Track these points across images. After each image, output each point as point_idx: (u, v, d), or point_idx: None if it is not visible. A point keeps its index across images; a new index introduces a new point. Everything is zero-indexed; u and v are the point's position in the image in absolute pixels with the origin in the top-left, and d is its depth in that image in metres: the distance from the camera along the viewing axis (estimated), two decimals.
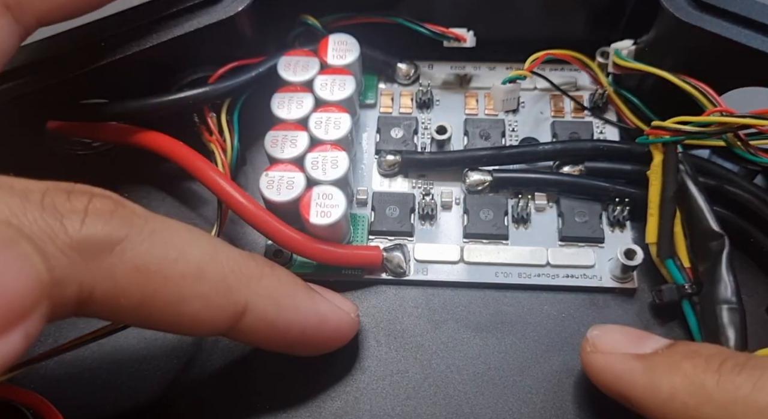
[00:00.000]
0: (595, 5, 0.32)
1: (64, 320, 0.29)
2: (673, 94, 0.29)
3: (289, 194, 0.28)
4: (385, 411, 0.27)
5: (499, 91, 0.32)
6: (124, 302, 0.19)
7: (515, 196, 0.31)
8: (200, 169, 0.29)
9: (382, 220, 0.31)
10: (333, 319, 0.26)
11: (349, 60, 0.31)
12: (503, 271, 0.30)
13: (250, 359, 0.29)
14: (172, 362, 0.29)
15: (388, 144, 0.33)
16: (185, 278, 0.21)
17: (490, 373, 0.28)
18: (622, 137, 0.33)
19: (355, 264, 0.30)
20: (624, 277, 0.29)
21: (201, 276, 0.21)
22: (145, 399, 0.28)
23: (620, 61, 0.31)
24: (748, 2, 0.28)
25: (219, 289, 0.22)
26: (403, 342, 0.29)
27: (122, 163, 0.33)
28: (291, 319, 0.24)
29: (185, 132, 0.30)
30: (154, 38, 0.29)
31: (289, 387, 0.28)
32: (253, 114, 0.32)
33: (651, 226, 0.29)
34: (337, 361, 0.28)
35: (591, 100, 0.34)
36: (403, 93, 0.35)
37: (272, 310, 0.23)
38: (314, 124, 0.29)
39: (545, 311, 0.29)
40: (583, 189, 0.31)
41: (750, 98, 0.30)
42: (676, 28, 0.29)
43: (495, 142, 0.33)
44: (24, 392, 0.26)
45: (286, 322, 0.24)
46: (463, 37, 0.32)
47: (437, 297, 0.30)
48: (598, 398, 0.27)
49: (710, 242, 0.27)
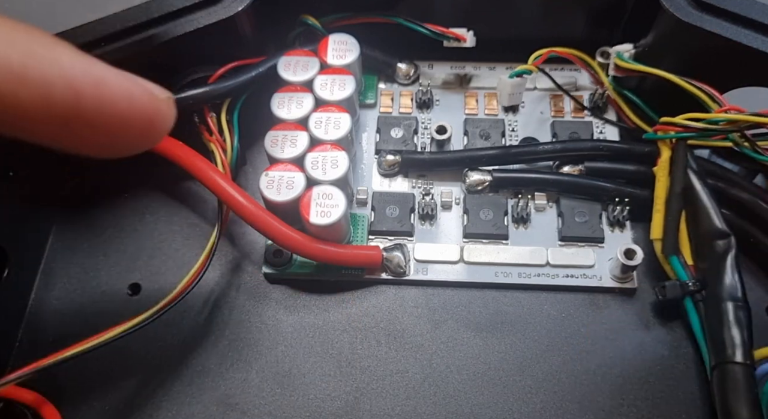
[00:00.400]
0: (595, 5, 0.33)
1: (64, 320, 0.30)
2: (674, 93, 0.29)
3: (289, 194, 0.28)
4: (385, 411, 0.27)
5: (505, 85, 0.32)
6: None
7: (515, 196, 0.31)
8: (200, 169, 0.29)
9: (382, 220, 0.31)
10: (115, 85, 0.20)
11: (349, 60, 0.31)
12: (503, 271, 0.30)
13: (250, 359, 0.29)
14: (171, 362, 0.29)
15: (388, 144, 0.33)
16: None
17: (490, 373, 0.28)
18: (622, 137, 0.33)
19: (355, 264, 0.30)
20: (624, 277, 0.29)
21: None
22: (145, 399, 0.28)
23: (622, 63, 0.31)
24: (748, 2, 0.28)
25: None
26: (403, 342, 0.29)
27: (122, 163, 0.33)
28: (48, 71, 0.19)
29: (185, 132, 0.30)
30: (154, 38, 0.29)
31: (289, 387, 0.28)
32: (253, 114, 0.32)
33: (656, 222, 0.29)
34: (338, 361, 0.28)
35: (591, 100, 0.34)
36: (403, 93, 0.35)
37: (16, 56, 0.18)
38: (314, 124, 0.29)
39: (545, 311, 0.29)
40: (583, 189, 0.31)
41: (750, 98, 0.30)
42: (676, 28, 0.29)
43: (495, 142, 0.33)
44: (24, 391, 0.26)
45: (42, 75, 0.18)
46: (463, 37, 0.32)
47: (437, 297, 0.30)
48: (598, 398, 0.27)
49: (716, 241, 0.27)
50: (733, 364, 0.25)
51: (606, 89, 0.33)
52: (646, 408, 0.27)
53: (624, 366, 0.28)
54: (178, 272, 0.30)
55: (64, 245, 0.32)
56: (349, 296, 0.30)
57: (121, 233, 0.32)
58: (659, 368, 0.28)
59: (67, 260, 0.31)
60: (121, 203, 0.33)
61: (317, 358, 0.29)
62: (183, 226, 0.32)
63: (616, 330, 0.29)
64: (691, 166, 0.29)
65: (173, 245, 0.31)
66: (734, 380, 0.25)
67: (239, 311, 0.30)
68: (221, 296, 0.30)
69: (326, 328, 0.29)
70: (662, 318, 0.29)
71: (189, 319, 0.30)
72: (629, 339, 0.29)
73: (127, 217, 0.32)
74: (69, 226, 0.32)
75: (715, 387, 0.25)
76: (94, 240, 0.32)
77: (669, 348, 0.28)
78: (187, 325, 0.29)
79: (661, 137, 0.29)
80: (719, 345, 0.25)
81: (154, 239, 0.32)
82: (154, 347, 0.29)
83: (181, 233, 0.32)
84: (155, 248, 0.31)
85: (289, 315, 0.30)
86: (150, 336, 0.29)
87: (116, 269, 0.31)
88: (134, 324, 0.26)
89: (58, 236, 0.32)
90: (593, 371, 0.28)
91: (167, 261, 0.31)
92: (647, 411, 0.27)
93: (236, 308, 0.30)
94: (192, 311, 0.30)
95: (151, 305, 0.26)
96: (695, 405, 0.27)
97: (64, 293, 0.30)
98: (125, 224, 0.32)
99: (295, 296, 0.30)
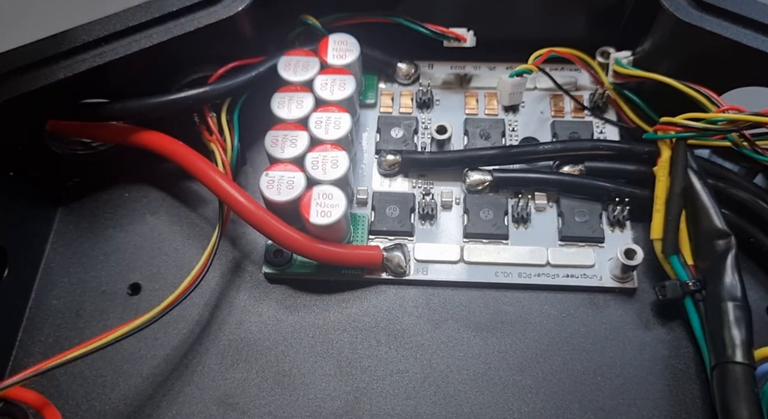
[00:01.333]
0: (595, 5, 0.32)
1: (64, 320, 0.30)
2: (674, 93, 0.29)
3: (289, 194, 0.28)
4: (385, 411, 0.27)
5: (506, 84, 0.32)
6: None
7: (515, 196, 0.31)
8: (200, 169, 0.29)
9: (382, 220, 0.31)
10: None
11: (349, 60, 0.31)
12: (503, 271, 0.30)
13: (250, 359, 0.29)
14: (171, 362, 0.29)
15: (388, 144, 0.33)
16: None
17: (490, 373, 0.28)
18: (622, 137, 0.33)
19: (355, 264, 0.30)
20: (624, 277, 0.29)
21: None
22: (145, 400, 0.28)
23: (621, 70, 0.31)
24: (748, 2, 0.28)
25: None
26: (403, 342, 0.29)
27: (122, 163, 0.33)
28: None
29: (185, 132, 0.30)
30: (154, 38, 0.29)
31: (289, 387, 0.28)
32: (253, 114, 0.32)
33: (656, 222, 0.29)
34: (338, 361, 0.28)
35: (591, 100, 0.34)
36: (403, 93, 0.35)
37: None
38: (314, 124, 0.29)
39: (545, 311, 0.29)
40: (583, 189, 0.31)
41: (750, 98, 0.30)
42: (676, 28, 0.29)
43: (495, 142, 0.33)
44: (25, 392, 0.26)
45: None
46: (463, 37, 0.32)
47: (437, 297, 0.30)
48: (598, 398, 0.27)
49: (716, 241, 0.27)
50: (733, 364, 0.25)
51: (606, 89, 0.33)
52: (646, 408, 0.27)
53: (624, 366, 0.28)
54: (179, 273, 0.31)
55: (64, 245, 0.32)
56: (349, 296, 0.30)
57: (121, 233, 0.32)
58: (659, 368, 0.28)
59: (67, 260, 0.31)
60: (121, 203, 0.33)
61: (317, 358, 0.29)
62: (183, 226, 0.32)
63: (616, 329, 0.29)
64: (691, 166, 0.29)
65: (173, 245, 0.31)
66: (734, 380, 0.25)
67: (239, 311, 0.30)
68: (221, 296, 0.30)
69: (326, 328, 0.29)
70: (662, 317, 0.29)
71: (189, 319, 0.30)
72: (629, 339, 0.29)
73: (127, 217, 0.32)
74: (69, 226, 0.32)
75: (715, 387, 0.25)
76: (94, 240, 0.32)
77: (669, 348, 0.28)
78: (187, 325, 0.29)
79: (661, 136, 0.29)
80: (719, 344, 0.25)
81: (154, 239, 0.32)
82: (154, 347, 0.29)
83: (181, 233, 0.32)
84: (155, 248, 0.31)
85: (289, 315, 0.30)
86: (150, 336, 0.29)
87: (116, 269, 0.31)
88: (136, 325, 0.26)
89: (58, 236, 0.32)
90: (593, 371, 0.28)
91: (167, 261, 0.31)
92: (647, 411, 0.27)
93: (236, 308, 0.30)
94: (192, 311, 0.30)
95: (151, 306, 0.26)
96: (695, 405, 0.27)
97: (64, 293, 0.30)
98: (125, 224, 0.32)
99: (295, 296, 0.30)
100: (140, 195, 0.33)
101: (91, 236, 0.32)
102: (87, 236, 0.32)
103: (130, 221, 0.32)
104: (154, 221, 0.32)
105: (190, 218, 0.32)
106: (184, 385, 0.28)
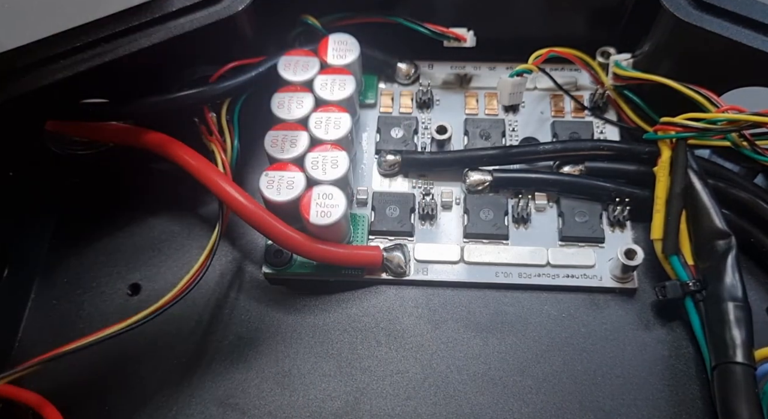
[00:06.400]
0: (595, 5, 0.33)
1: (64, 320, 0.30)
2: (674, 93, 0.29)
3: (289, 194, 0.28)
4: (385, 411, 0.27)
5: (506, 84, 0.32)
6: None
7: (515, 196, 0.31)
8: (200, 169, 0.29)
9: (382, 220, 0.31)
10: None
11: (349, 60, 0.31)
12: (503, 271, 0.30)
13: (250, 359, 0.29)
14: (171, 362, 0.29)
15: (388, 144, 0.33)
16: None
17: (490, 373, 0.28)
18: (622, 137, 0.33)
19: (355, 264, 0.30)
20: (624, 277, 0.29)
21: None
22: (146, 399, 0.28)
23: (621, 72, 0.31)
24: (748, 2, 0.28)
25: None
26: (403, 342, 0.29)
27: (122, 163, 0.33)
28: None
29: (185, 132, 0.30)
30: (154, 38, 0.29)
31: (289, 387, 0.28)
32: (253, 114, 0.32)
33: (657, 222, 0.29)
34: (338, 361, 0.28)
35: (591, 100, 0.34)
36: (403, 93, 0.35)
37: None
38: (314, 124, 0.29)
39: (545, 311, 0.29)
40: (583, 189, 0.31)
41: (750, 98, 0.30)
42: (676, 28, 0.29)
43: (495, 142, 0.33)
44: (25, 392, 0.26)
45: None
46: (463, 37, 0.32)
47: (437, 297, 0.30)
48: (598, 398, 0.27)
49: (717, 241, 0.27)
50: (733, 364, 0.25)
51: (606, 89, 0.33)
52: (646, 408, 0.27)
53: (624, 366, 0.28)
54: (178, 272, 0.30)
55: (64, 245, 0.32)
56: (349, 297, 0.30)
57: (121, 233, 0.32)
58: (659, 368, 0.28)
59: (67, 260, 0.31)
60: (122, 203, 0.33)
61: (317, 358, 0.29)
62: (183, 226, 0.32)
63: (617, 329, 0.29)
64: (691, 166, 0.29)
65: (173, 245, 0.31)
66: (735, 380, 0.25)
67: (239, 311, 0.30)
68: (221, 296, 0.30)
69: (326, 328, 0.29)
70: (662, 317, 0.29)
71: (189, 319, 0.29)
72: (629, 339, 0.29)
73: (127, 217, 0.32)
74: (69, 226, 0.32)
75: (715, 387, 0.25)
76: (94, 240, 0.32)
77: (669, 348, 0.28)
78: (186, 325, 0.29)
79: (661, 137, 0.29)
80: (720, 345, 0.25)
81: (154, 239, 0.32)
82: (154, 347, 0.29)
83: (181, 233, 0.32)
84: (155, 248, 0.31)
85: (289, 315, 0.30)
86: (150, 336, 0.29)
87: (116, 269, 0.31)
88: (134, 321, 0.26)
89: (58, 236, 0.32)
90: (593, 371, 0.28)
91: (167, 261, 0.31)
92: (647, 411, 0.27)
93: (236, 308, 0.30)
94: (192, 311, 0.30)
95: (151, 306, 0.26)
96: (695, 405, 0.27)
97: (64, 293, 0.30)
98: (125, 224, 0.32)
99: (295, 296, 0.30)
100: (140, 195, 0.33)
101: (90, 236, 0.32)
102: (87, 236, 0.32)
103: (129, 221, 0.32)
104: (153, 221, 0.32)
105: (189, 218, 0.32)
106: (183, 385, 0.28)
